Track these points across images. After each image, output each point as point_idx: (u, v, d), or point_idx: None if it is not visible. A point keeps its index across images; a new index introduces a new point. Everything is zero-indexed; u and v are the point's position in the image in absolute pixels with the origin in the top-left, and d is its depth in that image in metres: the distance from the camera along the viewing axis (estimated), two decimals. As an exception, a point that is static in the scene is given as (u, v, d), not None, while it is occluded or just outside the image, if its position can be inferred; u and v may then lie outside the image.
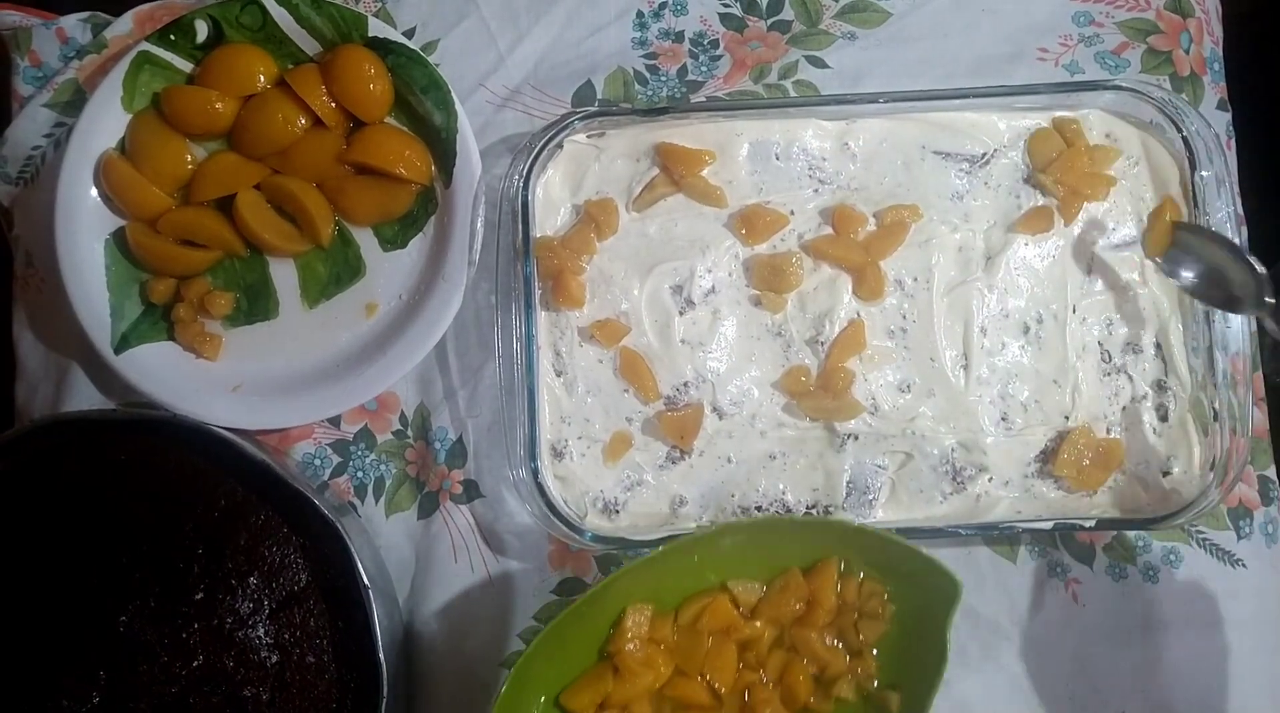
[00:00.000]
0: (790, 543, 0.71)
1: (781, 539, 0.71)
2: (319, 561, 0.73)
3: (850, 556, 0.70)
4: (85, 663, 0.70)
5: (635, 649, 0.69)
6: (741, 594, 0.71)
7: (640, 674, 0.70)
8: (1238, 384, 0.74)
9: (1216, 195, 0.75)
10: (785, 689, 0.71)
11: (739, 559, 0.71)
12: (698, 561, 0.70)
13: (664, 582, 0.71)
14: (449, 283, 0.78)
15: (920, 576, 0.67)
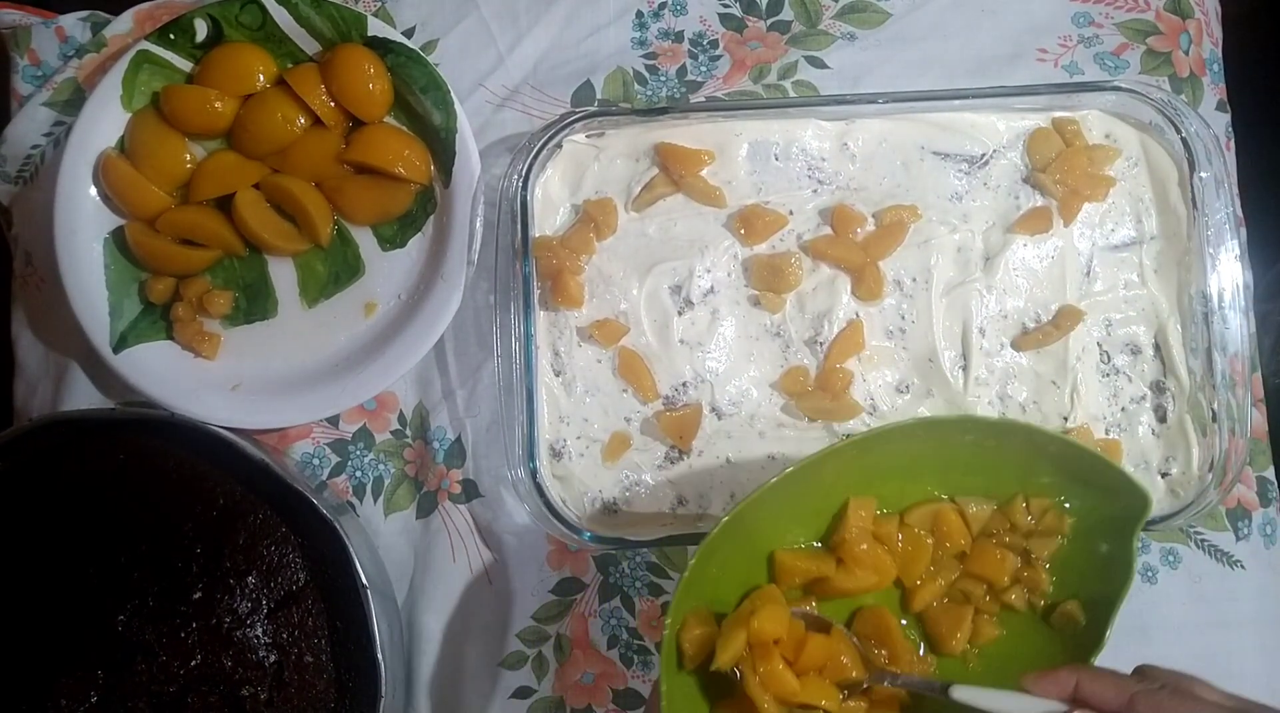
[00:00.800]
0: (968, 449, 0.67)
1: (959, 443, 0.66)
2: (317, 560, 0.73)
3: (1036, 464, 0.66)
4: (84, 663, 0.70)
5: (865, 549, 0.66)
6: (973, 514, 0.67)
7: (865, 574, 0.67)
8: (1236, 385, 0.74)
9: (1215, 196, 0.74)
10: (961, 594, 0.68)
11: (914, 464, 0.68)
12: (874, 462, 0.66)
13: (840, 480, 0.67)
14: (448, 283, 0.78)
15: (1107, 488, 0.64)
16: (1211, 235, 0.74)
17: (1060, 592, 0.66)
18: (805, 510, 0.67)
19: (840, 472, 0.66)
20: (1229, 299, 0.74)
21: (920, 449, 0.66)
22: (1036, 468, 0.66)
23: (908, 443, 0.65)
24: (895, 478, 0.68)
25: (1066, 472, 0.65)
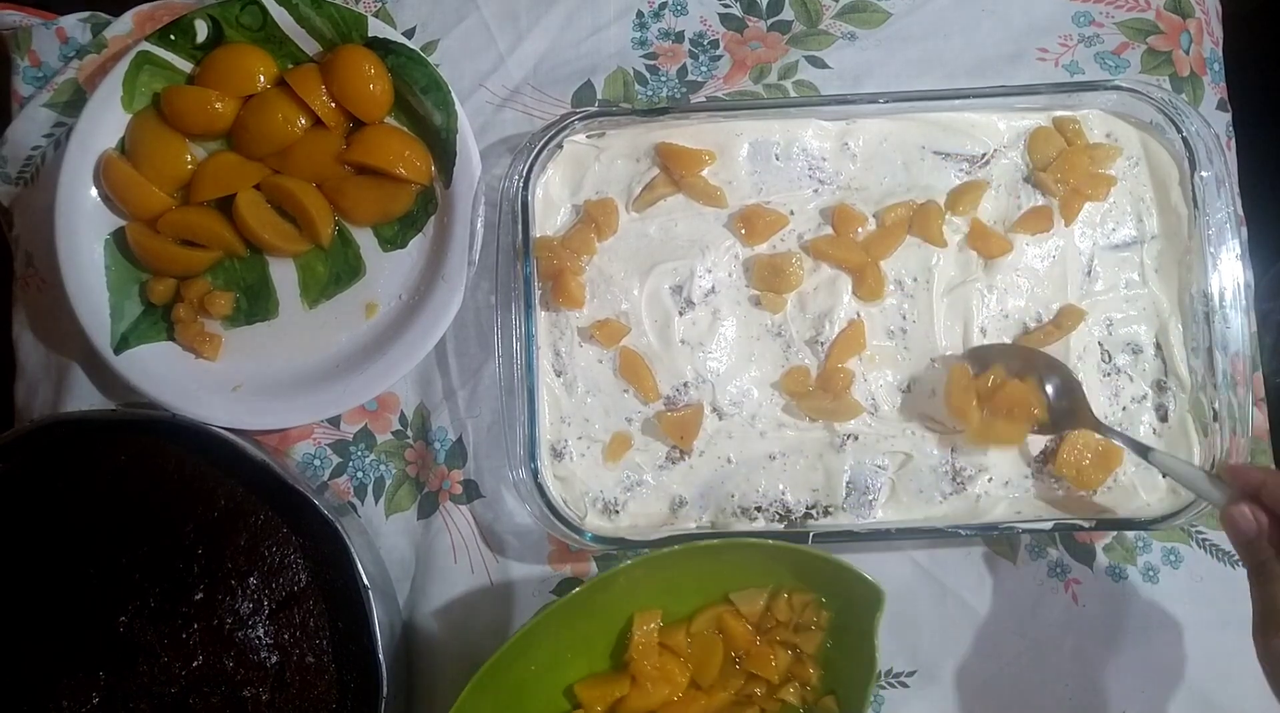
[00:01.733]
0: (718, 564, 0.71)
1: (712, 562, 0.71)
2: (319, 561, 0.73)
3: (781, 571, 0.71)
4: (85, 664, 0.70)
5: (654, 663, 0.70)
6: (746, 611, 0.72)
7: (658, 687, 0.71)
8: (1237, 385, 0.74)
9: (1216, 195, 0.74)
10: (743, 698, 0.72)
11: (669, 585, 0.72)
12: (637, 583, 0.71)
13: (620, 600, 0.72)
14: (449, 283, 0.78)
15: (846, 585, 0.68)
16: (1212, 234, 0.74)
17: (826, 684, 0.71)
18: (592, 636, 0.72)
19: (623, 593, 0.70)
20: (1230, 298, 0.74)
21: (686, 566, 0.70)
22: (786, 573, 0.71)
23: (673, 563, 0.69)
24: (673, 592, 0.72)
25: (809, 575, 0.70)
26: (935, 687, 0.78)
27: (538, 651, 0.69)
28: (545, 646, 0.69)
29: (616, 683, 0.71)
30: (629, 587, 0.70)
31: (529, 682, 0.70)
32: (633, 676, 0.71)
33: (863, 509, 0.76)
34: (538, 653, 0.69)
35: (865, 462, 0.76)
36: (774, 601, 0.71)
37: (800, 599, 0.71)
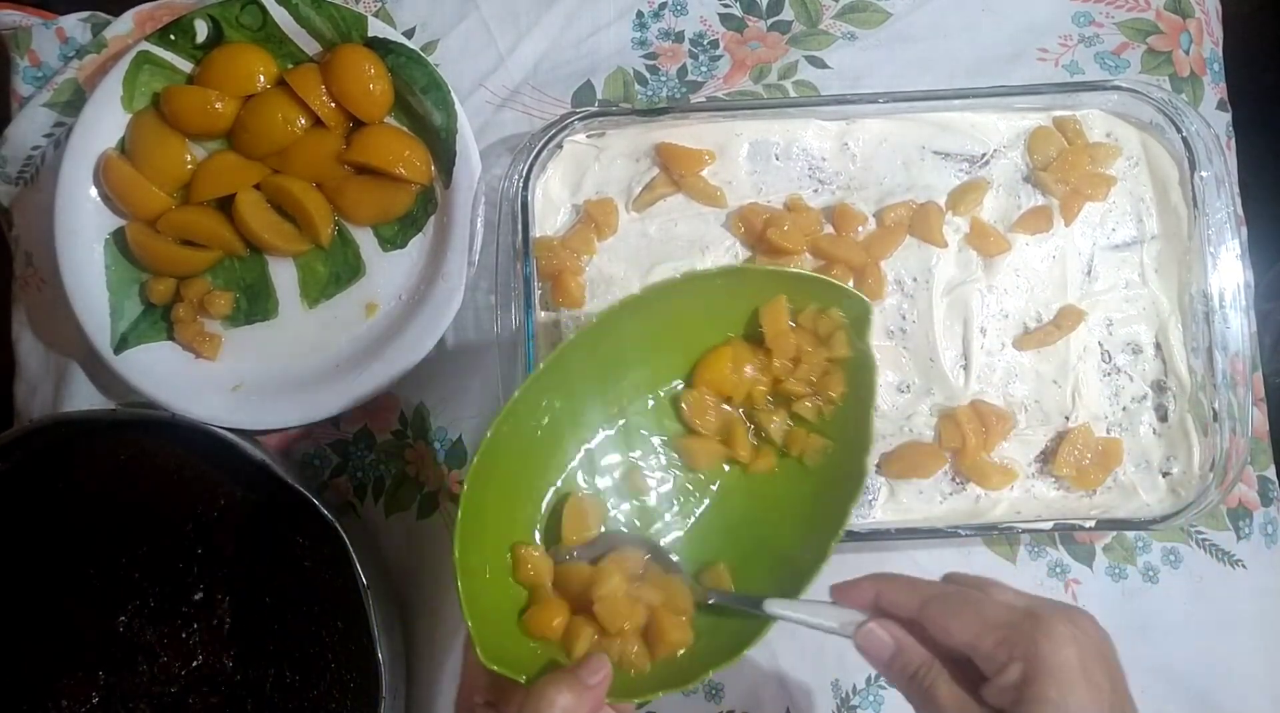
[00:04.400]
0: (718, 303, 0.67)
1: (712, 299, 0.67)
2: (318, 561, 0.73)
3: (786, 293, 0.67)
4: (85, 663, 0.70)
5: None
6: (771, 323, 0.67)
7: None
8: (1237, 385, 0.74)
9: (1216, 195, 0.74)
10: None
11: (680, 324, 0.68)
12: (643, 329, 0.66)
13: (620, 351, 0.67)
14: (448, 283, 0.78)
15: (835, 302, 0.66)
16: (1212, 234, 0.74)
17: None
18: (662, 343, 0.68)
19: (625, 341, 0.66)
20: (1230, 298, 0.74)
21: (694, 304, 0.66)
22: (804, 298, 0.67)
23: (683, 298, 0.66)
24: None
25: (803, 298, 0.67)
26: (935, 687, 0.78)
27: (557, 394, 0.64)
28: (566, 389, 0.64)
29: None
30: (631, 334, 0.66)
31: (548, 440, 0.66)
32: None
33: (862, 509, 0.76)
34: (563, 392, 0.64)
35: (865, 462, 0.76)
36: (799, 314, 0.67)
37: (814, 310, 0.67)
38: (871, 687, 0.78)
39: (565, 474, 0.66)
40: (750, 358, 0.67)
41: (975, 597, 0.51)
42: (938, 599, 0.51)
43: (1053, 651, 0.47)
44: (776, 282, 0.67)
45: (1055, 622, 0.48)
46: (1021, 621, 0.48)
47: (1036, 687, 0.46)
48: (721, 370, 0.68)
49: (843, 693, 0.78)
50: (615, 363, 0.66)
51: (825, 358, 0.67)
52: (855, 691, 0.78)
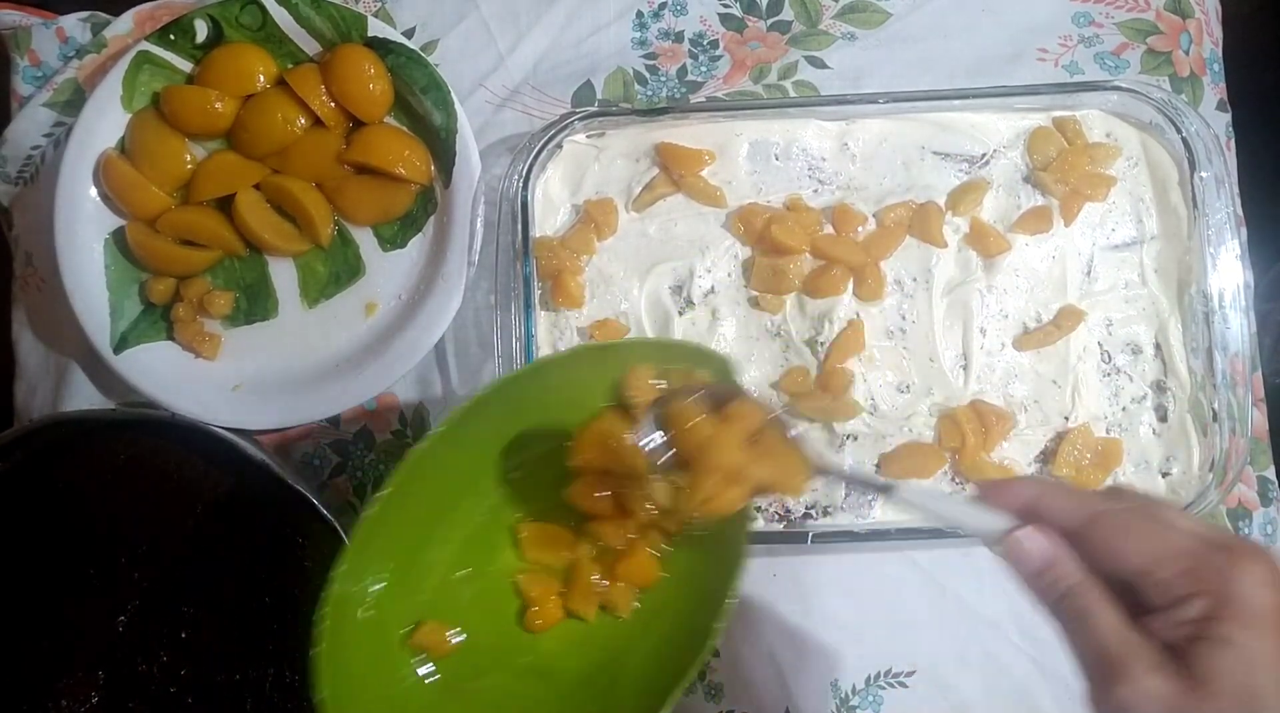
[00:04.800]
0: (592, 376, 0.65)
1: (587, 376, 0.65)
2: (318, 560, 0.73)
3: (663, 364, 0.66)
4: (84, 663, 0.70)
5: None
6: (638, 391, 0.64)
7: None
8: (1237, 385, 0.74)
9: (1216, 196, 0.74)
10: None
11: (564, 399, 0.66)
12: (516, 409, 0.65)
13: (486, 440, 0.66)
14: (448, 283, 0.78)
15: (699, 364, 0.64)
16: (1212, 235, 0.74)
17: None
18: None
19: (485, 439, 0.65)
20: (1229, 299, 0.74)
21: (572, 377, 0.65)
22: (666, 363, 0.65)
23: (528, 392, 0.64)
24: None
25: (671, 361, 0.65)
26: (935, 687, 0.78)
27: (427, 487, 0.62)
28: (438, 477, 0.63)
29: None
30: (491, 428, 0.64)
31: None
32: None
33: (862, 509, 0.76)
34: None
35: (865, 462, 0.76)
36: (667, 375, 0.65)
37: (680, 372, 0.65)
38: (871, 687, 0.78)
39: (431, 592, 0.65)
40: (623, 430, 0.65)
41: (1159, 517, 0.44)
42: (1110, 515, 0.44)
43: (1248, 591, 0.40)
44: (638, 352, 0.65)
45: (1253, 561, 0.41)
46: (1211, 553, 0.42)
47: (1223, 627, 0.40)
48: (594, 446, 0.65)
49: (842, 693, 0.78)
50: (476, 465, 0.65)
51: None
52: (855, 691, 0.78)
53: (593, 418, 0.66)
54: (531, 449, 0.67)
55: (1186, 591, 0.41)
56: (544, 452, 0.67)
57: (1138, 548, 0.43)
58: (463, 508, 0.66)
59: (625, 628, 0.67)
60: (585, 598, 0.67)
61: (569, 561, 0.68)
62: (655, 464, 0.61)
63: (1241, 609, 0.40)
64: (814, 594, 0.79)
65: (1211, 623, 0.41)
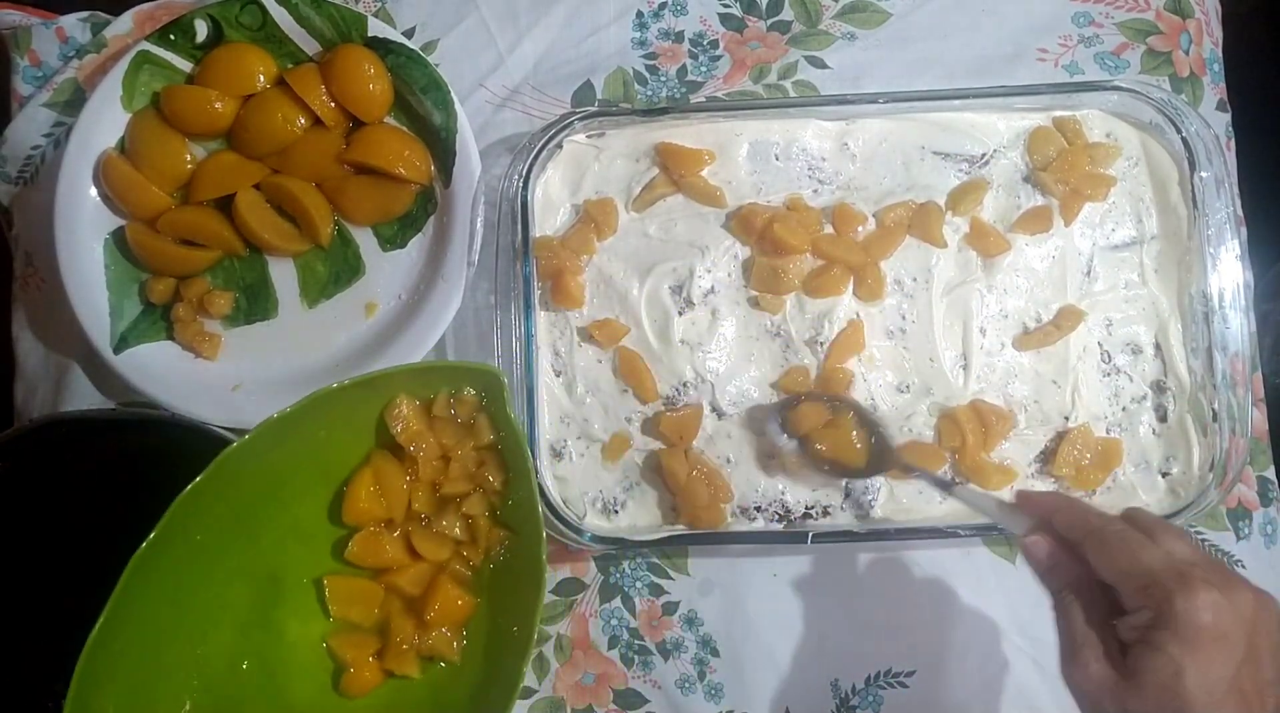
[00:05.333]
0: (350, 417, 0.66)
1: (342, 415, 0.66)
2: (318, 560, 0.73)
3: (423, 388, 0.67)
4: (84, 663, 0.70)
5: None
6: (400, 432, 0.66)
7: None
8: (1237, 385, 0.74)
9: (1216, 196, 0.74)
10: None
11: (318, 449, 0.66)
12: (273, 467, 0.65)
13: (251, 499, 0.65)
14: (448, 283, 0.78)
15: (469, 382, 0.65)
16: (1212, 235, 0.74)
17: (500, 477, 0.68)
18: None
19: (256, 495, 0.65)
20: (1229, 299, 0.74)
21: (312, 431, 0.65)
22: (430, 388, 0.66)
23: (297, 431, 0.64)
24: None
25: (434, 388, 0.66)
26: (935, 687, 0.78)
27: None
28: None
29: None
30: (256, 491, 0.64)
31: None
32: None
33: (861, 509, 0.76)
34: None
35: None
36: (436, 405, 0.66)
37: (460, 401, 0.66)
38: (871, 687, 0.78)
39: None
40: (395, 471, 0.65)
41: (1134, 541, 0.53)
42: (1097, 535, 0.54)
43: (1188, 612, 0.49)
44: (397, 381, 0.65)
45: (1204, 589, 0.49)
46: (1169, 577, 0.50)
47: (1157, 635, 0.49)
48: (366, 498, 0.65)
49: (842, 693, 0.78)
50: (246, 520, 0.64)
51: (473, 447, 0.66)
52: (855, 691, 0.78)
53: (360, 464, 0.65)
54: (304, 506, 0.65)
55: (1140, 603, 0.51)
56: (319, 507, 0.66)
57: (1111, 564, 0.53)
58: (267, 538, 0.65)
59: (444, 673, 0.66)
60: (403, 657, 0.65)
61: (378, 618, 0.66)
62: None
63: (1178, 626, 0.49)
64: (814, 594, 0.79)
65: (1151, 632, 0.50)
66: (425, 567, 0.67)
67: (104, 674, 0.57)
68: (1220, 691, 0.48)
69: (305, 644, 0.67)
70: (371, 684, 0.66)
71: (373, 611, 0.67)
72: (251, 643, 0.65)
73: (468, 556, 0.67)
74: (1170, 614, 0.49)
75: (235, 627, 0.65)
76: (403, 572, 0.67)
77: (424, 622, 0.66)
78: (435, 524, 0.67)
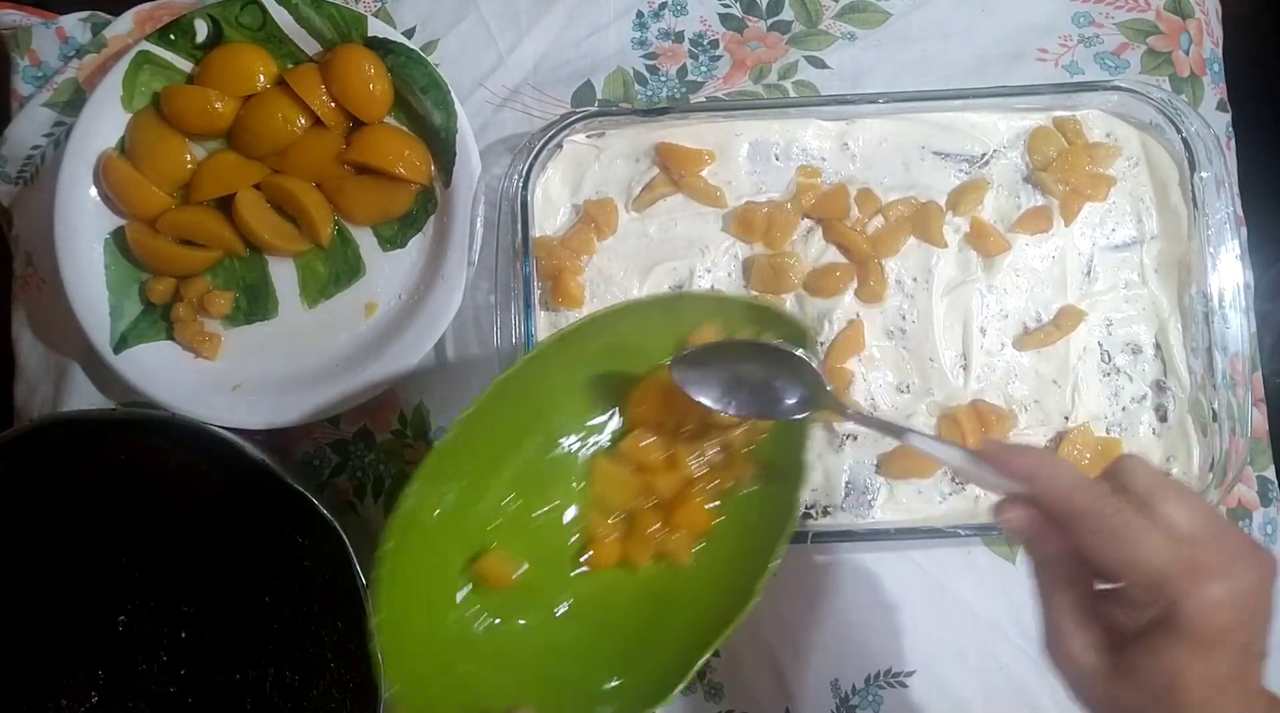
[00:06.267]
0: (653, 333, 0.66)
1: (647, 330, 0.66)
2: (318, 560, 0.73)
3: (739, 326, 0.66)
4: (84, 663, 0.70)
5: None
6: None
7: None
8: (1237, 385, 0.74)
9: (1216, 196, 0.74)
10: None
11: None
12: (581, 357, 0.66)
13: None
14: (448, 283, 0.78)
15: (772, 328, 0.65)
16: (1212, 235, 0.74)
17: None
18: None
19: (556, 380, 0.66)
20: (1229, 299, 0.74)
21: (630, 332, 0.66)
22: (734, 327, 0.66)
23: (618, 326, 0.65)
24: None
25: (744, 322, 0.66)
26: (935, 687, 0.78)
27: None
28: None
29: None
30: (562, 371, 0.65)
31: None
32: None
33: (861, 509, 0.76)
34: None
35: (864, 462, 0.76)
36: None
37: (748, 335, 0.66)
38: (871, 687, 0.78)
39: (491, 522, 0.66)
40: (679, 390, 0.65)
41: (1132, 530, 0.46)
42: (1088, 521, 0.47)
43: (1197, 613, 0.44)
44: (712, 307, 0.66)
45: (1218, 582, 0.44)
46: (1178, 573, 0.45)
47: (1161, 638, 0.45)
48: (652, 403, 0.67)
49: (842, 693, 0.78)
50: (548, 400, 0.66)
51: None
52: (855, 691, 0.78)
53: (654, 370, 0.67)
54: (596, 393, 0.68)
55: (1144, 600, 0.46)
56: (609, 394, 0.68)
57: (1109, 555, 0.46)
58: (528, 443, 0.67)
59: (672, 582, 0.67)
60: (643, 544, 0.67)
61: (629, 507, 0.68)
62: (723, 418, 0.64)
63: (1184, 629, 0.44)
64: (814, 594, 0.79)
65: (1155, 630, 0.45)
66: (681, 476, 0.68)
67: (446, 470, 0.62)
68: (1223, 684, 0.45)
69: (557, 513, 0.69)
70: (604, 563, 0.67)
71: (628, 499, 0.68)
72: (529, 492, 0.68)
73: (721, 479, 0.68)
74: (1176, 617, 0.44)
75: (525, 474, 0.67)
76: (662, 475, 0.68)
77: (671, 522, 0.67)
78: (700, 444, 0.68)
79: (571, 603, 0.67)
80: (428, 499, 0.62)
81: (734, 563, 0.65)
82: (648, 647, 0.65)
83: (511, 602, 0.66)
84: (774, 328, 0.65)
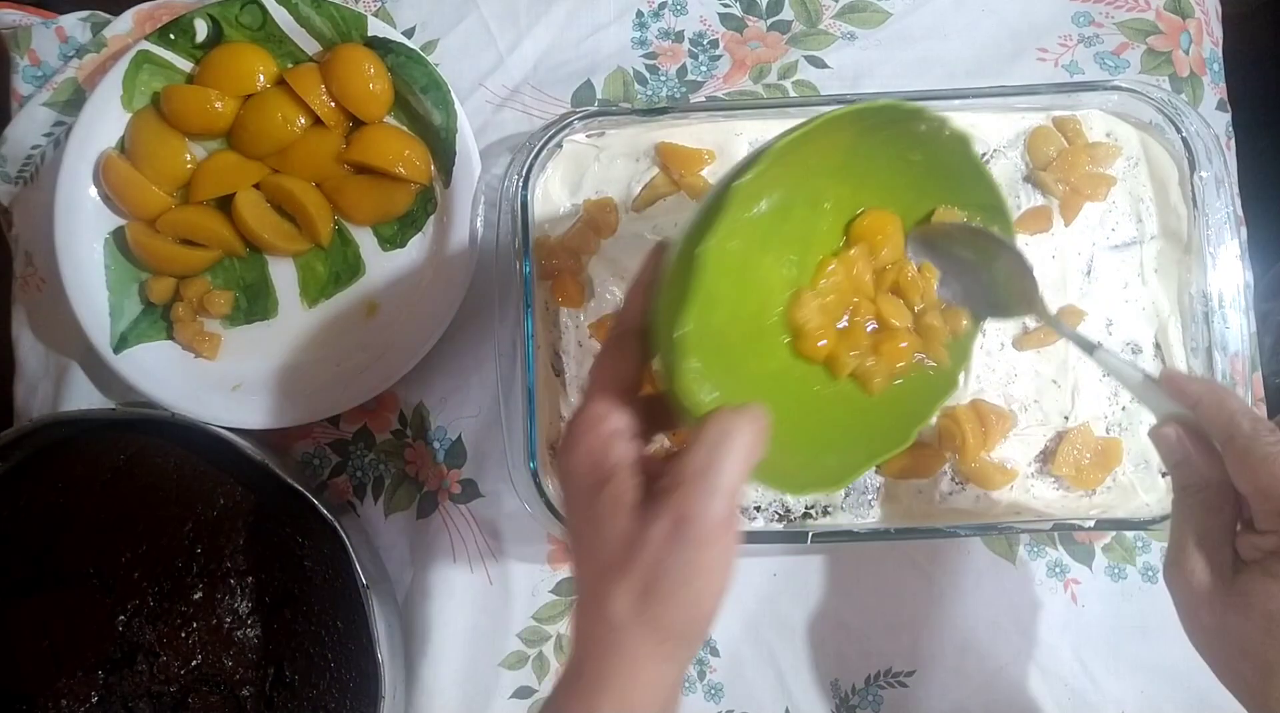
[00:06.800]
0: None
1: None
2: (318, 560, 0.73)
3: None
4: (85, 663, 0.70)
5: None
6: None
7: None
8: (1237, 385, 0.74)
9: (1216, 196, 0.74)
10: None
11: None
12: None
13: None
14: (448, 283, 0.78)
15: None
16: (1212, 235, 0.74)
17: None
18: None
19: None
20: (1229, 299, 0.74)
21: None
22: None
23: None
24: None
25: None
26: (935, 687, 0.78)
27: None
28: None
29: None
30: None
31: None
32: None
33: (861, 509, 0.76)
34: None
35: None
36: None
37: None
38: (871, 687, 0.78)
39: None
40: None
41: (1275, 457, 0.49)
42: (1241, 444, 0.50)
43: None
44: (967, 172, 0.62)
45: None
46: None
47: (1277, 565, 0.48)
48: (882, 225, 0.63)
49: (842, 693, 0.78)
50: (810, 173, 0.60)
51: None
52: (854, 690, 0.78)
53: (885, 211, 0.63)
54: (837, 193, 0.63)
55: (1270, 527, 0.49)
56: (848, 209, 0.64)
57: (1251, 479, 0.49)
58: (797, 212, 0.62)
59: (856, 397, 0.64)
60: (846, 354, 0.63)
61: (844, 315, 0.65)
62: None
63: None
64: (814, 594, 0.79)
65: (1274, 558, 0.48)
66: (904, 311, 0.65)
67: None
68: None
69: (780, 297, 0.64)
70: (815, 355, 0.64)
71: (845, 302, 0.65)
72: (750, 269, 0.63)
73: (931, 320, 0.65)
74: None
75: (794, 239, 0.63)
76: (889, 302, 0.65)
77: (878, 351, 0.64)
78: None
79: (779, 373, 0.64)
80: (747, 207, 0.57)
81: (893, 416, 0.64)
82: (828, 446, 0.63)
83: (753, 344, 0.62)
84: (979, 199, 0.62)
